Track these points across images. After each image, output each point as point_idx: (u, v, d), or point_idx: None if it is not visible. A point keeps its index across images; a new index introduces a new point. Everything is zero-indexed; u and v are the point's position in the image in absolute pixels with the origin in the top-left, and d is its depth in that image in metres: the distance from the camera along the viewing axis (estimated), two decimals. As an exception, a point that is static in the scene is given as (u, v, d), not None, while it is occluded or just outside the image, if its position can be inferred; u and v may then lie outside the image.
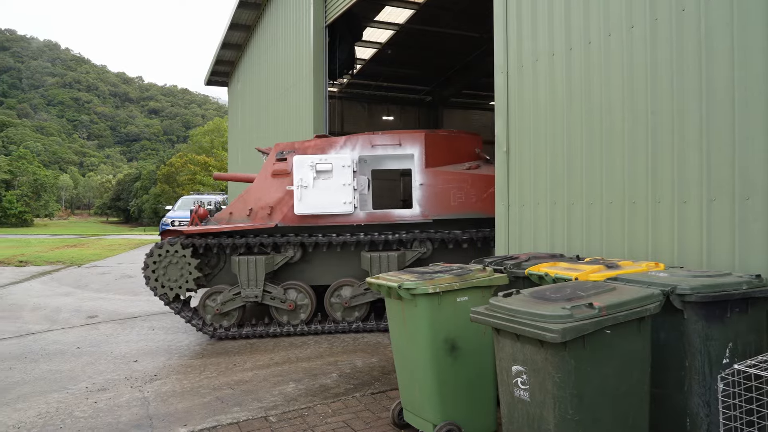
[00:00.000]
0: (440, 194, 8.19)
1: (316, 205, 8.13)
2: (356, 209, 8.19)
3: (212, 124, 70.67)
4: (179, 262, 8.08)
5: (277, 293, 8.25)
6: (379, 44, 17.55)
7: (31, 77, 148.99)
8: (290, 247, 8.33)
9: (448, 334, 4.26)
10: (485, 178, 8.11)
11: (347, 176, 8.09)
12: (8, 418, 5.47)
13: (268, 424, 5.04)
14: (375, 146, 8.40)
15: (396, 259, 8.04)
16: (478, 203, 8.10)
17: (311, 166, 8.12)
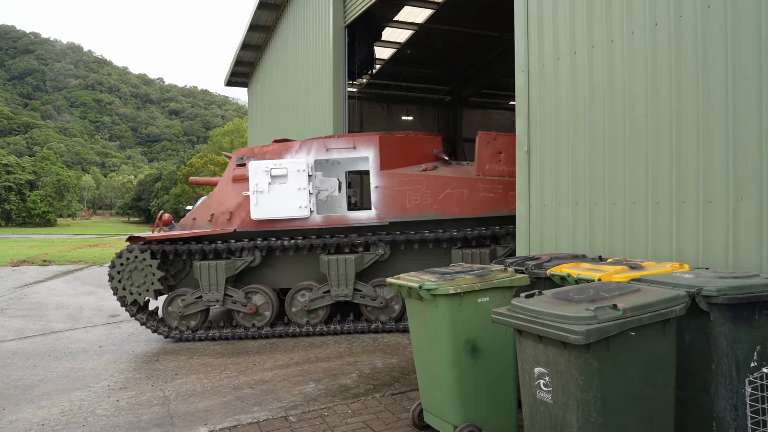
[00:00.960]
0: (396, 196, 8.15)
1: (272, 209, 8.15)
2: (312, 213, 8.20)
3: (232, 124, 71.06)
4: (143, 268, 8.18)
5: (238, 297, 8.30)
6: (399, 44, 17.52)
7: (55, 79, 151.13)
8: (248, 252, 8.36)
9: (469, 335, 4.23)
10: (441, 179, 8.08)
11: (302, 180, 8.09)
12: (33, 415, 5.53)
13: (288, 424, 5.04)
14: (330, 150, 8.36)
15: (353, 262, 8.05)
16: (434, 205, 8.06)
17: (266, 171, 8.13)
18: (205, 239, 8.40)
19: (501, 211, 7.97)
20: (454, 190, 8.00)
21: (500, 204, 7.98)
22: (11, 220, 70.72)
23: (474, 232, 8.04)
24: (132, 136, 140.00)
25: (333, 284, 8.11)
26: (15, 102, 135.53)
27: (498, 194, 7.97)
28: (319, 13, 13.13)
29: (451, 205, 8.03)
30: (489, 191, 7.96)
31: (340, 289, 8.10)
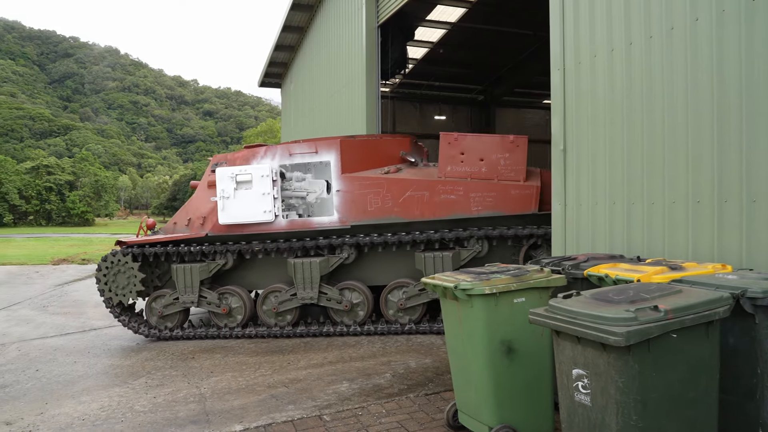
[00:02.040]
0: (357, 200, 8.16)
1: (238, 214, 8.32)
2: (278, 217, 8.33)
3: (265, 125, 71.67)
4: (126, 271, 8.51)
5: (212, 298, 8.52)
6: (431, 43, 17.47)
7: (93, 82, 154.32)
8: (220, 255, 8.56)
9: (505, 336, 4.19)
10: (401, 182, 8.02)
11: (266, 186, 8.22)
12: (74, 410, 5.65)
13: (323, 422, 5.06)
14: (293, 155, 8.44)
15: (318, 265, 8.14)
16: (396, 207, 8.01)
17: (231, 177, 8.31)
18: (180, 243, 8.63)
19: (461, 214, 7.85)
20: (415, 192, 7.94)
21: (461, 206, 7.83)
22: (52, 220, 72.44)
23: (436, 234, 7.97)
24: (167, 137, 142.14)
25: (299, 287, 8.22)
26: (55, 105, 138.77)
27: (459, 196, 7.83)
28: (352, 14, 13.16)
29: (412, 208, 7.97)
30: (450, 193, 7.83)
31: (305, 291, 8.21)
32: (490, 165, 7.78)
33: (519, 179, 7.68)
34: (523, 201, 7.62)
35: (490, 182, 7.76)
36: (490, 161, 7.79)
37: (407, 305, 8.09)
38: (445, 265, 7.77)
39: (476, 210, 7.74)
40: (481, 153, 7.84)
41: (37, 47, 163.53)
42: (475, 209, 7.74)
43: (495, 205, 7.70)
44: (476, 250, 7.91)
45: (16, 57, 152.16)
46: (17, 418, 5.50)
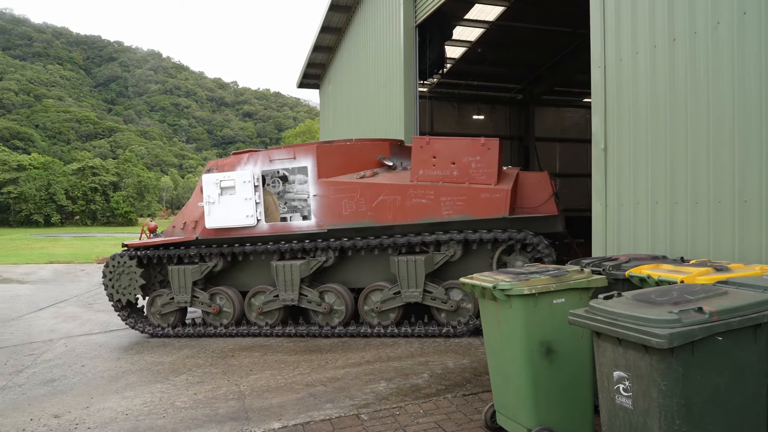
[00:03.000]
0: (333, 204, 8.24)
1: (222, 219, 8.59)
2: (260, 222, 8.54)
3: (304, 126, 72.31)
4: (128, 272, 9.02)
5: (204, 298, 8.84)
6: (469, 43, 17.37)
7: (136, 85, 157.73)
8: (210, 258, 8.86)
9: (544, 337, 4.14)
10: (374, 186, 8.03)
11: (248, 191, 8.46)
12: (118, 405, 5.79)
13: (360, 422, 5.07)
14: (273, 161, 8.58)
15: (298, 268, 8.31)
16: (369, 212, 8.03)
17: (216, 183, 8.60)
18: (173, 246, 8.99)
19: (432, 218, 7.80)
20: (387, 197, 7.94)
21: (431, 210, 7.78)
22: (96, 220, 74.32)
23: (403, 238, 7.98)
24: (208, 139, 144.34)
25: (281, 289, 8.43)
26: (100, 107, 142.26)
27: (430, 200, 7.78)
28: (390, 14, 13.18)
29: (385, 212, 7.97)
30: (421, 197, 7.79)
31: (286, 293, 8.41)
32: (461, 168, 7.70)
33: (490, 183, 7.54)
34: (493, 205, 7.50)
35: (460, 186, 7.67)
36: (461, 165, 7.70)
37: (382, 308, 8.16)
38: (418, 269, 7.83)
39: (447, 214, 7.69)
40: (452, 156, 7.75)
41: (83, 52, 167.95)
42: (445, 213, 7.69)
43: (465, 209, 7.63)
44: (449, 254, 7.90)
45: (64, 62, 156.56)
46: (65, 412, 5.66)
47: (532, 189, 7.87)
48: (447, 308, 7.90)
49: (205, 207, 8.69)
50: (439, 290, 7.91)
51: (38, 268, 20.62)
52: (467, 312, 7.89)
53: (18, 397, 6.22)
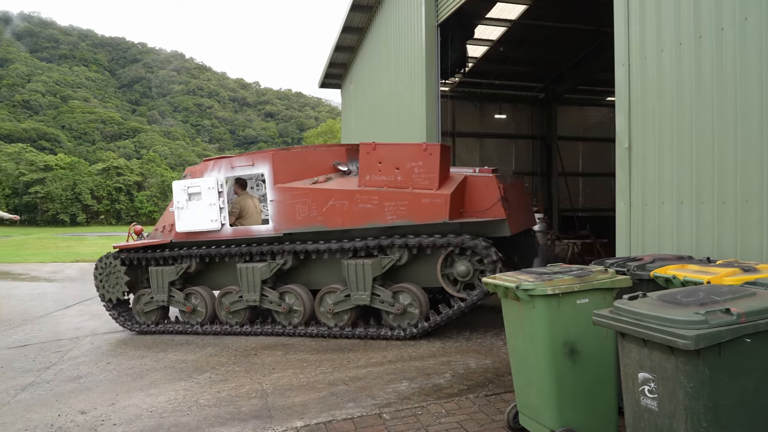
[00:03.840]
0: (287, 209, 8.43)
1: (190, 223, 9.00)
2: (223, 226, 8.86)
3: (325, 125, 72.51)
4: (114, 272, 9.54)
5: (179, 297, 9.27)
6: (491, 41, 17.30)
7: (160, 86, 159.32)
8: (183, 260, 9.26)
9: (567, 337, 4.11)
10: (325, 192, 8.19)
11: (213, 197, 8.80)
12: (142, 402, 5.86)
13: (382, 421, 5.08)
14: (234, 168, 8.93)
15: (259, 270, 8.56)
16: (320, 216, 8.20)
17: (184, 190, 8.99)
18: (151, 249, 9.45)
19: (376, 222, 7.90)
20: (336, 201, 8.07)
21: (376, 215, 7.87)
22: (121, 219, 75.26)
23: (362, 242, 8.09)
24: (230, 139, 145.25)
25: (244, 290, 8.73)
26: (124, 108, 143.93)
27: (374, 205, 7.86)
28: (411, 13, 13.16)
29: (334, 217, 8.13)
30: (366, 202, 7.88)
31: (249, 294, 8.68)
32: (405, 173, 7.74)
33: (432, 188, 7.56)
34: (434, 210, 7.52)
35: (404, 191, 7.72)
36: (405, 170, 7.74)
37: (335, 310, 8.32)
38: (366, 272, 7.93)
39: (390, 219, 7.77)
40: (396, 162, 7.80)
41: (108, 54, 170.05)
42: (389, 218, 7.77)
43: (408, 213, 7.68)
44: (395, 258, 7.97)
45: (89, 63, 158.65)
46: (91, 408, 5.74)
47: (480, 193, 7.78)
48: (394, 311, 7.99)
49: (175, 212, 9.13)
50: (387, 293, 7.99)
51: (65, 266, 20.95)
52: (414, 315, 7.95)
53: (46, 393, 6.33)
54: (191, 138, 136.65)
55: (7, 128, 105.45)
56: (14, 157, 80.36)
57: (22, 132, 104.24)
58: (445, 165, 7.75)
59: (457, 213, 7.62)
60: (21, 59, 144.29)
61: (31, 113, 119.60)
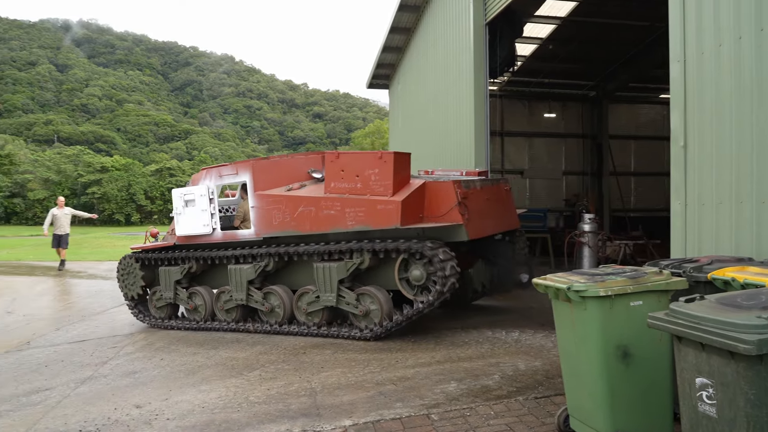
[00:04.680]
0: (266, 215, 8.84)
1: (187, 228, 9.60)
2: (214, 231, 9.41)
3: (373, 126, 72.73)
4: (132, 271, 10.27)
5: (183, 296, 9.85)
6: (540, 39, 17.07)
7: (210, 88, 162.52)
8: (185, 261, 9.84)
9: (620, 340, 4.02)
10: (296, 198, 8.55)
11: (204, 203, 9.35)
12: (194, 398, 5.98)
13: (430, 421, 5.06)
14: (222, 176, 9.47)
15: (245, 272, 9.05)
16: (292, 222, 8.56)
17: (180, 197, 9.65)
18: (159, 250, 10.11)
19: (339, 228, 8.17)
20: (305, 208, 8.42)
21: (338, 221, 8.17)
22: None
23: (325, 246, 8.41)
24: (279, 140, 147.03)
25: (233, 289, 9.26)
26: (177, 111, 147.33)
27: (337, 211, 8.15)
28: (459, 12, 13.09)
29: (304, 222, 8.46)
30: (330, 208, 8.19)
31: (238, 293, 9.21)
32: (363, 181, 7.99)
33: (386, 194, 7.77)
34: (388, 215, 7.70)
35: (362, 198, 7.96)
36: (363, 177, 7.99)
37: (309, 310, 8.68)
38: (332, 275, 8.27)
39: (351, 224, 8.04)
40: (357, 170, 8.05)
41: (161, 58, 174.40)
42: (350, 223, 8.04)
43: (366, 219, 7.92)
44: (357, 261, 8.18)
45: (143, 67, 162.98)
46: (146, 402, 5.90)
47: (438, 199, 7.98)
48: (357, 312, 8.23)
49: (174, 217, 9.80)
50: (352, 296, 8.26)
51: (120, 265, 21.49)
52: (376, 317, 8.14)
53: (103, 387, 6.52)
54: (241, 139, 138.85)
55: (67, 131, 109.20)
56: (73, 159, 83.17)
57: (80, 135, 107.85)
58: (400, 172, 7.97)
59: (415, 218, 7.86)
60: (80, 65, 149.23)
61: (89, 116, 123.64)
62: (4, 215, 79.74)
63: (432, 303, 7.74)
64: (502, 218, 9.15)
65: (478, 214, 8.25)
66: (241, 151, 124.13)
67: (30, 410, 5.83)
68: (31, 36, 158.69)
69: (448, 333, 8.52)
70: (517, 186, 20.46)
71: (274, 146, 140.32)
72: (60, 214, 18.53)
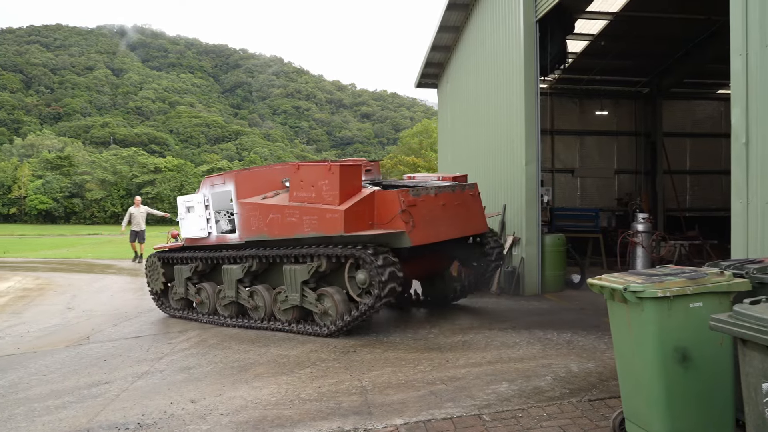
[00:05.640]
0: (245, 221, 9.58)
1: (189, 231, 10.65)
2: (210, 234, 10.28)
3: (420, 125, 72.61)
4: (156, 268, 11.35)
5: (192, 291, 10.74)
6: (591, 36, 16.73)
7: (260, 90, 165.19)
8: (192, 261, 10.73)
9: (679, 342, 3.91)
10: (266, 206, 9.24)
11: (201, 210, 10.34)
12: (247, 394, 6.08)
13: (482, 422, 5.03)
14: (214, 186, 10.27)
15: (234, 271, 9.77)
16: (264, 228, 9.23)
17: (183, 204, 10.75)
18: (172, 251, 11.18)
19: (299, 234, 8.77)
20: (274, 215, 9.07)
21: (297, 227, 8.78)
22: (224, 219, 78.34)
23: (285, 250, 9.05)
24: (327, 140, 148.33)
25: (226, 287, 10.04)
26: (227, 112, 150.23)
27: (296, 218, 8.76)
28: (509, 10, 12.95)
29: (274, 228, 9.10)
30: (292, 216, 8.81)
31: (229, 291, 9.96)
32: (317, 191, 8.56)
33: (334, 203, 8.31)
34: (334, 223, 8.23)
35: (315, 207, 8.54)
36: (317, 187, 8.56)
37: (282, 308, 9.25)
38: (296, 276, 8.85)
39: (307, 230, 8.64)
40: (312, 181, 8.64)
41: (212, 60, 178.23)
42: (306, 230, 8.64)
43: (318, 226, 8.50)
44: (314, 265, 8.73)
45: (195, 70, 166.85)
46: (200, 398, 6.02)
47: (385, 207, 8.42)
48: (317, 311, 8.78)
49: (180, 222, 10.90)
50: (312, 295, 8.81)
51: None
52: (332, 315, 8.60)
53: (159, 381, 6.69)
54: (290, 140, 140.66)
55: (123, 133, 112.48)
56: (128, 160, 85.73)
57: (135, 137, 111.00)
58: (348, 183, 8.44)
59: (363, 225, 8.33)
60: (134, 69, 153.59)
61: (143, 119, 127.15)
62: (64, 215, 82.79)
63: (373, 305, 8.12)
64: (464, 223, 9.52)
65: (428, 220, 8.70)
66: (290, 151, 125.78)
67: (91, 402, 6.03)
68: (89, 42, 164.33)
69: (498, 333, 8.45)
70: (568, 185, 20.15)
71: (322, 146, 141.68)
72: (136, 212, 20.30)
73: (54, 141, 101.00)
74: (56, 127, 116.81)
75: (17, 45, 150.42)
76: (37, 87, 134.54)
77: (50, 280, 16.74)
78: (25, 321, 10.97)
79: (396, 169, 59.91)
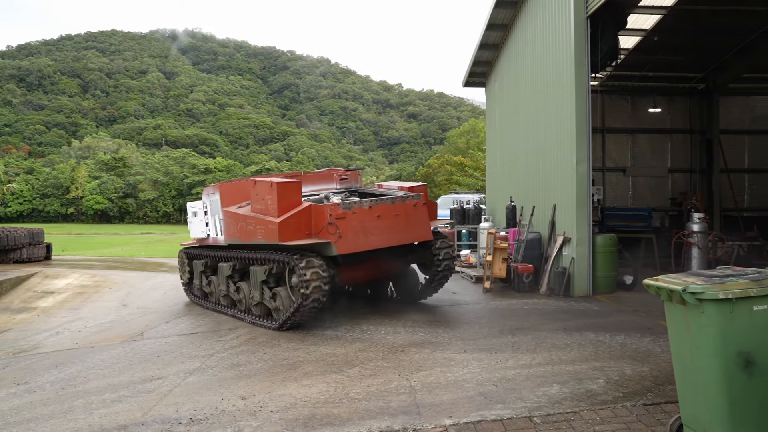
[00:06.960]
0: (227, 226, 10.77)
1: (195, 233, 12.43)
2: (209, 236, 11.73)
3: (468, 125, 72.01)
4: (183, 262, 13.02)
5: (204, 282, 12.05)
6: (644, 31, 16.33)
7: (307, 90, 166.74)
8: (203, 257, 12.17)
9: (742, 347, 3.77)
10: (238, 216, 10.24)
11: (202, 215, 11.92)
12: (296, 392, 6.14)
13: (533, 424, 4.96)
14: (209, 194, 11.59)
15: (224, 268, 10.97)
16: (237, 233, 10.29)
17: (190, 208, 12.67)
18: (194, 247, 12.74)
19: (254, 240, 9.70)
20: (241, 223, 10.12)
21: (254, 235, 9.67)
22: (273, 219, 79.46)
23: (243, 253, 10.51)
24: (374, 140, 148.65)
25: (219, 282, 11.35)
26: (275, 113, 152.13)
27: (253, 227, 9.69)
28: (559, 6, 12.73)
29: (242, 234, 10.12)
30: (250, 225, 9.77)
31: (221, 285, 11.23)
32: (266, 204, 9.38)
33: (274, 215, 9.11)
34: (273, 233, 9.02)
35: (263, 217, 9.37)
36: (265, 201, 9.41)
37: (253, 303, 10.21)
38: (257, 276, 9.85)
39: (259, 238, 9.51)
40: (262, 195, 9.50)
41: (260, 62, 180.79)
42: (259, 237, 9.51)
43: (265, 235, 9.33)
44: (268, 267, 9.82)
45: (243, 72, 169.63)
46: (250, 394, 6.10)
47: (317, 219, 9.14)
48: (272, 308, 9.74)
49: (189, 224, 12.76)
50: (268, 293, 9.78)
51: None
52: (282, 311, 9.46)
53: (210, 378, 6.80)
54: (337, 140, 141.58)
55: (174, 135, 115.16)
56: (179, 161, 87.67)
57: (185, 138, 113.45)
58: (287, 197, 9.18)
59: (300, 235, 9.06)
60: (185, 72, 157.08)
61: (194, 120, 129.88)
62: (119, 214, 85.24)
63: (301, 304, 8.80)
64: (402, 232, 9.97)
65: (358, 231, 9.34)
66: (337, 151, 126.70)
67: (145, 396, 6.17)
68: (142, 46, 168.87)
69: (548, 335, 8.32)
70: (619, 184, 19.71)
71: (369, 146, 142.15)
72: None
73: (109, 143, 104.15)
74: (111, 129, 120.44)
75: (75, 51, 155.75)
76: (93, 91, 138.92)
77: (106, 278, 17.25)
78: (83, 317, 11.33)
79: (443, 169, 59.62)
